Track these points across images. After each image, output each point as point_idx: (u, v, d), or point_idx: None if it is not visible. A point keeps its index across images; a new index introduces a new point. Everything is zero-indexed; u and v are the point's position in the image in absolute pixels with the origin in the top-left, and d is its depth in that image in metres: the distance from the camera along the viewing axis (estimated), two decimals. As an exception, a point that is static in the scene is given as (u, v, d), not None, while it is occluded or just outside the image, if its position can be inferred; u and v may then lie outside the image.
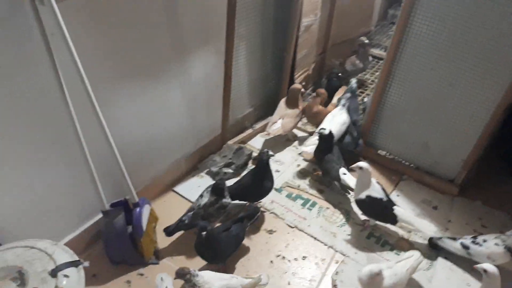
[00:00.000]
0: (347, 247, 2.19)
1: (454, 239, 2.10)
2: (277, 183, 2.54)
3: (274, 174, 2.32)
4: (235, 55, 2.43)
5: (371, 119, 2.64)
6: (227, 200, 2.10)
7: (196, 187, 2.47)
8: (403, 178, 2.64)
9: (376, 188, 2.17)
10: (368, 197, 2.15)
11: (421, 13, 2.16)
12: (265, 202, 2.40)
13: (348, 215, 2.38)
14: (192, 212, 2.07)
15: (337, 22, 3.19)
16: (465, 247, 2.02)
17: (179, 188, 2.48)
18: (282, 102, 2.77)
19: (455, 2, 2.04)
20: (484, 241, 1.98)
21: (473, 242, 2.01)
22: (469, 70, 2.15)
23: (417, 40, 2.24)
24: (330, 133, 2.44)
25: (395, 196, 2.50)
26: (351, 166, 2.18)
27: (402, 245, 2.20)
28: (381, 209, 2.15)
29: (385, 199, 2.15)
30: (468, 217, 2.38)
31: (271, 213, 2.37)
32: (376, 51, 3.73)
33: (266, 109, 2.99)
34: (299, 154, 2.79)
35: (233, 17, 2.11)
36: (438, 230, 2.26)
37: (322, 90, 2.84)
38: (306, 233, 2.27)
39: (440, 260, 2.13)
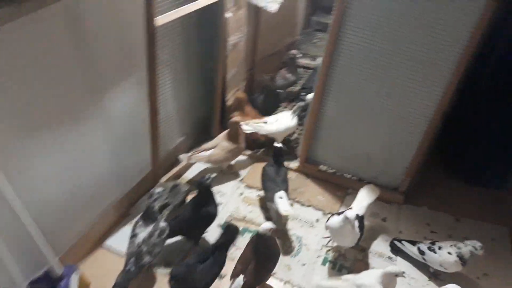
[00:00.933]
0: (304, 280, 2.05)
1: (414, 243, 2.10)
2: (222, 217, 2.34)
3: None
4: (160, 83, 2.20)
5: (309, 135, 2.53)
6: (162, 223, 1.92)
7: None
8: (348, 193, 2.56)
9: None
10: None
11: (352, 24, 2.08)
12: (209, 240, 2.18)
13: (300, 241, 2.24)
14: (134, 257, 1.83)
15: (263, 35, 3.07)
16: (421, 252, 2.04)
17: (110, 241, 2.18)
18: (223, 133, 2.60)
19: (385, 12, 1.99)
20: (440, 248, 1.98)
21: (429, 248, 2.02)
22: (405, 79, 2.11)
23: (350, 51, 2.16)
24: (280, 148, 2.34)
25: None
26: None
27: (359, 267, 2.11)
28: None
29: None
30: (417, 225, 2.36)
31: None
32: (304, 61, 3.66)
33: (200, 136, 2.78)
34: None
35: (153, 45, 1.88)
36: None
37: (240, 95, 2.67)
38: (259, 269, 2.09)
39: (400, 260, 2.15)
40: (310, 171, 2.66)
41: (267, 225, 1.84)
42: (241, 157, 2.73)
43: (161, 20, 1.86)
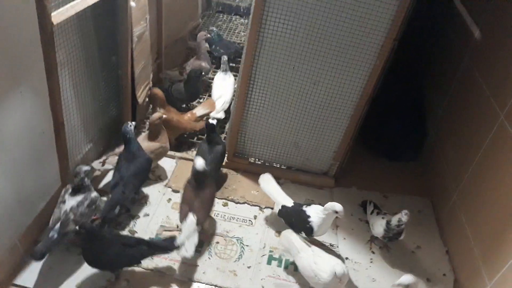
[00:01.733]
0: (252, 283, 1.95)
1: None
2: (151, 230, 2.11)
3: (143, 220, 2.15)
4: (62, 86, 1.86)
5: (236, 129, 2.39)
6: (94, 193, 1.92)
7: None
8: (280, 183, 2.47)
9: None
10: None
11: (274, 11, 1.95)
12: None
13: (242, 243, 2.12)
14: (59, 223, 1.79)
15: (166, 22, 2.79)
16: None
17: (21, 278, 1.82)
18: (143, 134, 2.36)
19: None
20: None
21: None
22: (331, 66, 2.07)
23: (274, 40, 2.04)
24: (212, 125, 2.30)
25: (278, 205, 2.35)
26: None
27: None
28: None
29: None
30: (350, 206, 2.38)
31: (154, 271, 1.94)
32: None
33: (111, 141, 2.46)
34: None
35: (52, 46, 1.54)
36: (331, 230, 2.20)
37: (155, 90, 2.45)
38: (203, 283, 1.93)
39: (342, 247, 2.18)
40: (240, 166, 2.53)
41: (200, 162, 1.98)
42: (164, 159, 2.48)
43: (58, 17, 1.53)
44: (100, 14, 2.09)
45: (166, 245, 1.88)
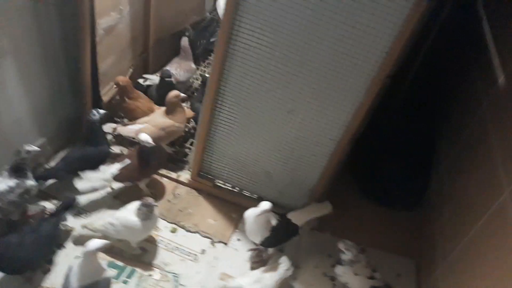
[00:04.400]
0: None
1: None
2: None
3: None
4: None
5: (201, 146, 2.10)
6: (31, 181, 1.75)
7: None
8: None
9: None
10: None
11: (248, 20, 1.63)
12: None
13: (177, 281, 1.85)
14: None
15: (158, 13, 2.52)
16: None
17: None
18: (160, 109, 2.24)
19: (289, 9, 1.55)
20: None
21: None
22: (309, 95, 1.74)
23: (246, 54, 1.72)
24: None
25: (235, 241, 2.06)
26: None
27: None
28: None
29: None
30: (318, 256, 2.05)
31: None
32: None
33: (68, 137, 2.24)
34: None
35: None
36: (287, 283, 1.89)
37: (118, 78, 2.20)
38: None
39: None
40: (204, 187, 2.25)
41: (145, 136, 1.94)
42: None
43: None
44: (60, 1, 1.85)
45: (66, 201, 1.80)
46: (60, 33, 1.95)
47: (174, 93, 2.16)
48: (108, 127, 2.20)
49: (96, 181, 1.96)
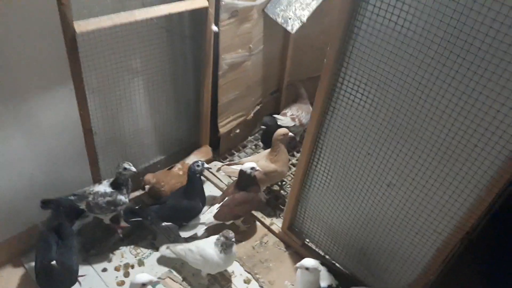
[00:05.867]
0: None
1: None
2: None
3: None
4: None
5: (294, 198, 1.93)
6: (123, 198, 1.87)
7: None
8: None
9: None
10: None
11: (352, 74, 1.44)
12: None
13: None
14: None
15: (297, 54, 2.48)
16: None
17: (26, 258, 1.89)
18: (265, 152, 2.19)
19: (398, 70, 1.31)
20: None
21: None
22: (416, 170, 1.41)
23: (347, 112, 1.52)
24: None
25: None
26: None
27: None
28: None
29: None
30: None
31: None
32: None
33: (177, 160, 2.36)
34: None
35: (74, 52, 1.50)
36: None
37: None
38: None
39: None
40: (293, 243, 2.06)
41: (249, 164, 1.93)
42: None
43: (83, 26, 1.45)
44: (192, 33, 1.98)
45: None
46: (190, 63, 2.08)
47: (282, 130, 2.07)
48: (213, 166, 2.20)
49: (198, 228, 2.01)
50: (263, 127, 2.37)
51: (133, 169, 1.83)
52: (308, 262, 1.66)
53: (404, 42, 1.26)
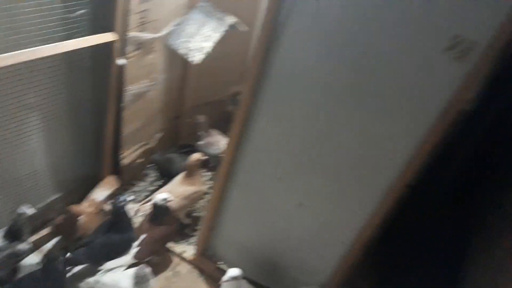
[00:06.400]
0: None
1: None
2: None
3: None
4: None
5: (208, 224, 1.99)
6: (23, 246, 1.71)
7: None
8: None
9: None
10: None
11: (263, 108, 1.58)
12: None
13: None
14: None
15: (195, 81, 2.55)
16: None
17: None
18: (178, 177, 2.15)
19: (305, 105, 1.48)
20: None
21: None
22: (323, 192, 1.61)
23: (259, 141, 1.66)
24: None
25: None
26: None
27: None
28: None
29: None
30: None
31: None
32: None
33: (82, 195, 2.24)
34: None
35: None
36: None
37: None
38: None
39: None
40: (207, 268, 2.11)
41: (163, 195, 1.90)
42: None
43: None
44: (93, 66, 1.92)
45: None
46: (89, 95, 2.00)
47: (196, 156, 2.13)
48: (130, 211, 2.08)
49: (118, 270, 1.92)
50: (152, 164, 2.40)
51: (28, 212, 1.70)
52: (234, 271, 1.69)
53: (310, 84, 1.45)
